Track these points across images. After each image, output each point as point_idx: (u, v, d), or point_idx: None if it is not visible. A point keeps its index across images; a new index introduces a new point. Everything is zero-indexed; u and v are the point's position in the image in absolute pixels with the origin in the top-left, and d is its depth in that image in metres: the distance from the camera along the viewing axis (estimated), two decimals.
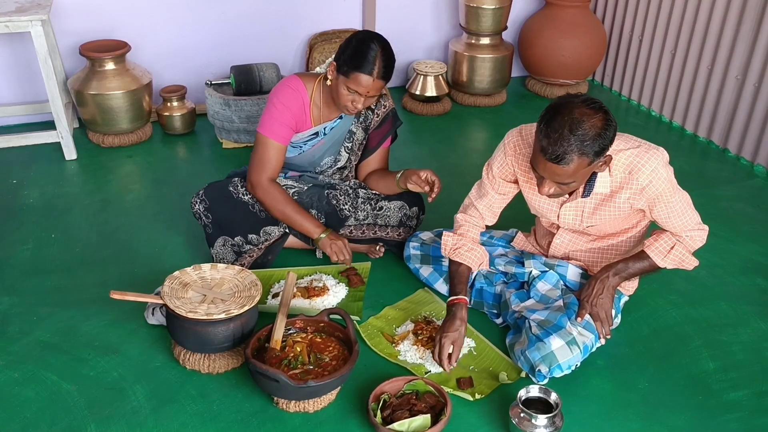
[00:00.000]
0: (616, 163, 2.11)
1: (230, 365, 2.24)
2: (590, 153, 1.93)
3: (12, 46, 3.67)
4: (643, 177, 2.10)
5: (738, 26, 3.61)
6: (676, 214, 2.18)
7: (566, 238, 2.45)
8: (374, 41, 2.38)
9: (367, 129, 2.67)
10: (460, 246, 2.38)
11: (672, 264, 2.27)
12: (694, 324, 2.52)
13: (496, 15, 4.13)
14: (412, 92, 4.21)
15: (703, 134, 3.95)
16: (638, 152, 2.10)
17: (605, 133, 1.93)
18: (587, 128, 1.90)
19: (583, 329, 2.22)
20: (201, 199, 2.60)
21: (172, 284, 2.23)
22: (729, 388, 2.25)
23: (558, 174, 1.98)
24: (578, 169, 1.96)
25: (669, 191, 2.13)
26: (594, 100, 1.96)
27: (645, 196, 2.14)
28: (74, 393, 2.15)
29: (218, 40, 4.00)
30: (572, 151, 1.91)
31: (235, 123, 3.60)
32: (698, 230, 2.24)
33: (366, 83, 2.37)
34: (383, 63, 2.37)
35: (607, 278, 2.29)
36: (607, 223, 2.30)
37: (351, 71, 2.37)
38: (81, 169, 3.50)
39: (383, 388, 2.10)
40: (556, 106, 1.96)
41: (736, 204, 3.32)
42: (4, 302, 2.53)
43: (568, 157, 1.92)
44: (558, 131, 1.91)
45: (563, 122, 1.91)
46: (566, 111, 1.93)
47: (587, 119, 1.91)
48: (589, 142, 1.91)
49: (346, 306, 2.54)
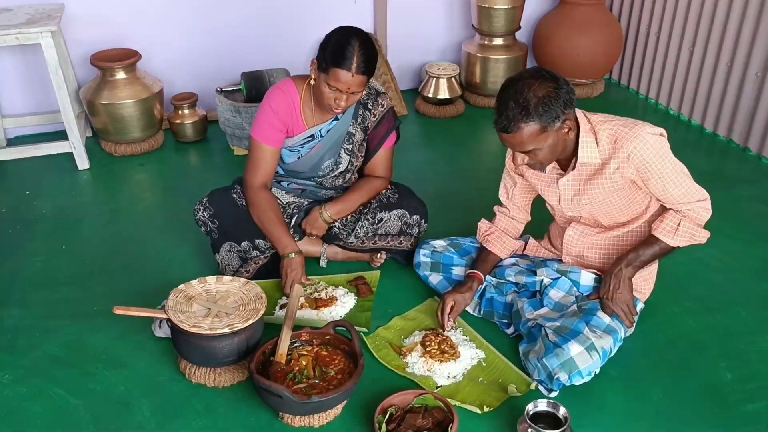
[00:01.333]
0: (601, 134, 2.17)
1: (236, 379, 2.23)
2: (535, 118, 2.02)
3: (24, 57, 3.69)
4: (627, 144, 2.13)
5: (758, 21, 3.52)
6: (672, 184, 2.16)
7: (578, 230, 2.42)
8: (353, 36, 2.31)
9: (365, 129, 2.63)
10: (490, 233, 2.53)
11: (684, 241, 2.23)
12: (711, 332, 2.46)
13: (509, 15, 4.08)
14: (425, 95, 4.17)
15: (722, 133, 3.86)
16: (624, 123, 2.17)
17: (549, 99, 2.02)
18: (530, 96, 2.01)
19: (603, 333, 2.18)
20: (205, 206, 2.60)
21: (177, 298, 2.22)
22: (747, 399, 2.18)
23: (514, 143, 2.09)
24: (531, 135, 2.05)
25: (658, 159, 2.13)
26: (542, 72, 2.07)
27: (632, 163, 2.14)
28: (81, 408, 2.15)
29: (228, 47, 3.99)
30: (516, 119, 2.02)
31: (246, 130, 3.59)
32: (700, 201, 2.20)
33: (345, 79, 2.32)
34: (362, 57, 2.30)
35: (620, 271, 2.26)
36: (607, 201, 2.27)
37: (330, 67, 2.32)
38: (93, 179, 3.51)
39: (392, 400, 2.07)
40: (506, 81, 2.09)
41: (756, 205, 3.23)
42: (14, 315, 2.54)
43: (513, 125, 2.03)
44: (504, 103, 2.04)
45: (508, 95, 2.04)
46: (512, 84, 2.06)
47: (529, 88, 2.02)
48: (532, 109, 2.00)
49: (354, 316, 2.52)
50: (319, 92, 2.41)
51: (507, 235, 2.52)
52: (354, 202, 2.65)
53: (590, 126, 2.18)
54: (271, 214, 2.54)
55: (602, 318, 2.22)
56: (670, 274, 2.68)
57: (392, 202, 2.66)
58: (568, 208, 2.36)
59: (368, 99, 2.60)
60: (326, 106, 2.43)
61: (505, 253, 2.52)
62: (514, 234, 2.55)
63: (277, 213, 2.57)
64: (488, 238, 2.51)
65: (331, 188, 2.73)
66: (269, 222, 2.54)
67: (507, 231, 2.53)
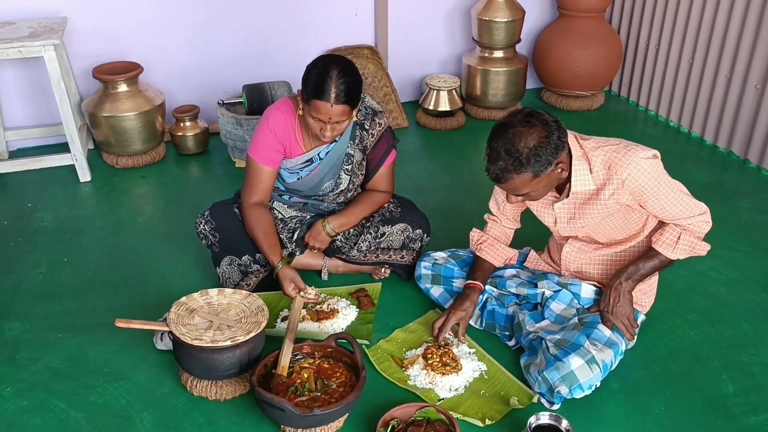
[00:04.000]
0: (594, 160, 2.16)
1: (237, 392, 2.22)
2: (527, 169, 2.02)
3: (26, 69, 3.71)
4: (621, 170, 2.12)
5: (757, 34, 3.54)
6: (670, 203, 2.16)
7: (575, 247, 2.42)
8: (331, 66, 2.30)
9: (364, 150, 2.63)
10: (483, 241, 2.52)
11: (684, 254, 2.23)
12: (713, 344, 2.46)
13: (509, 28, 4.10)
14: (426, 107, 4.19)
15: (722, 145, 3.87)
16: (617, 149, 2.15)
17: (540, 149, 2.01)
18: (521, 148, 2.00)
19: (604, 346, 2.17)
20: (207, 220, 2.60)
21: (179, 311, 2.22)
22: (749, 412, 2.18)
23: (507, 189, 2.11)
24: (523, 183, 2.06)
25: (653, 182, 2.12)
26: (533, 117, 2.05)
27: (628, 189, 2.14)
28: (82, 421, 2.15)
29: (230, 60, 4.01)
30: (508, 170, 2.03)
31: (248, 142, 3.59)
32: (700, 215, 2.20)
33: (325, 110, 2.31)
34: (340, 87, 2.28)
35: (620, 284, 2.27)
36: (603, 224, 2.27)
37: (310, 99, 2.32)
38: (94, 191, 3.52)
39: (394, 413, 2.06)
40: (495, 127, 2.08)
41: (757, 216, 3.24)
42: (15, 328, 2.54)
43: (505, 176, 2.04)
44: (495, 152, 2.04)
45: (499, 144, 2.04)
46: (502, 132, 2.05)
47: (520, 139, 2.01)
48: (524, 160, 2.01)
49: (355, 329, 2.52)
50: (306, 122, 2.41)
51: (499, 242, 2.53)
52: (357, 215, 2.65)
53: (583, 152, 2.17)
54: (258, 231, 2.54)
55: (603, 331, 2.22)
56: (672, 286, 2.68)
57: (395, 216, 2.67)
58: (564, 230, 2.37)
59: (365, 119, 2.59)
60: (314, 136, 2.45)
61: (499, 260, 2.52)
62: (506, 240, 2.56)
63: (266, 229, 2.56)
64: (481, 246, 2.51)
65: (333, 203, 2.74)
66: (256, 239, 2.55)
67: (499, 238, 2.54)
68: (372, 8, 4.19)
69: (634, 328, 2.29)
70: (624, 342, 2.27)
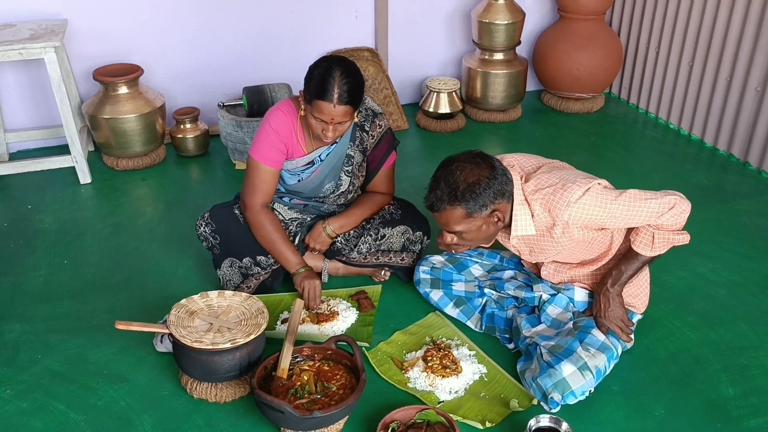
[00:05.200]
0: (534, 204, 2.18)
1: (237, 394, 2.22)
2: (461, 203, 2.07)
3: (27, 71, 3.71)
4: (561, 213, 2.13)
5: (757, 36, 3.54)
6: (629, 217, 2.15)
7: (551, 268, 2.45)
8: (334, 66, 2.31)
9: (364, 151, 2.63)
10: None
11: (663, 249, 2.23)
12: (713, 346, 2.46)
13: (509, 30, 4.10)
14: (426, 109, 4.19)
15: (722, 147, 3.88)
16: (553, 191, 2.14)
17: (477, 185, 2.07)
18: (459, 180, 2.06)
19: (597, 351, 2.17)
20: (207, 222, 2.60)
21: (179, 313, 2.22)
22: (749, 414, 2.17)
23: (441, 222, 2.16)
24: (456, 218, 2.11)
25: (599, 211, 2.12)
26: (482, 158, 2.12)
27: (575, 226, 2.16)
28: (82, 423, 2.15)
29: (230, 62, 4.01)
30: (442, 200, 2.08)
31: (248, 144, 3.59)
32: (669, 211, 2.14)
33: (328, 110, 2.31)
34: (343, 88, 2.29)
35: (607, 290, 2.29)
36: (565, 254, 2.30)
37: (313, 99, 2.32)
38: (95, 193, 3.52)
39: (394, 416, 2.06)
40: (445, 159, 2.16)
41: (757, 219, 3.23)
42: (15, 330, 2.54)
43: (439, 205, 2.10)
44: (435, 181, 2.11)
45: (441, 174, 2.11)
46: (448, 164, 2.12)
47: (461, 172, 2.07)
48: (460, 193, 2.06)
49: (355, 331, 2.52)
50: (308, 123, 2.42)
51: None
52: (357, 216, 2.65)
53: (524, 197, 2.18)
54: (275, 235, 2.55)
55: (597, 336, 2.22)
56: (671, 288, 2.68)
57: (395, 217, 2.67)
58: (529, 259, 2.39)
59: (365, 121, 2.59)
60: (315, 136, 2.45)
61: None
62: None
63: (281, 231, 2.58)
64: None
65: (333, 205, 2.74)
66: (274, 242, 2.55)
67: None
68: (372, 10, 4.19)
69: (629, 327, 2.30)
70: (620, 345, 2.27)
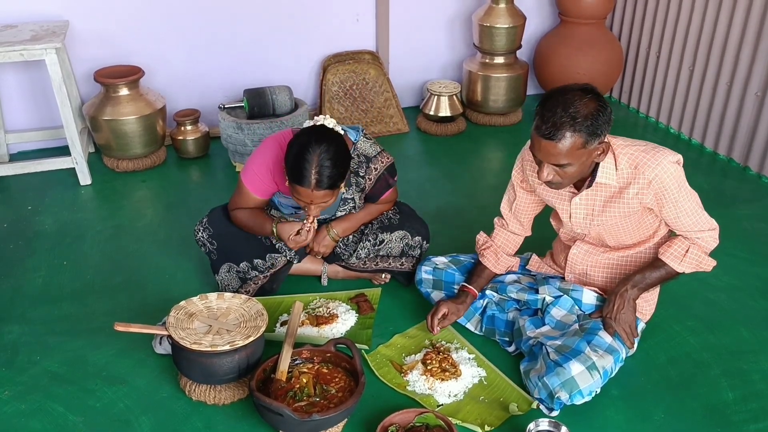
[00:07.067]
0: (621, 158, 2.15)
1: (236, 396, 2.22)
2: (582, 130, 1.99)
3: (28, 73, 3.72)
4: (649, 171, 2.11)
5: (757, 41, 3.54)
6: (685, 213, 2.17)
7: (583, 249, 2.42)
8: (309, 150, 2.19)
9: (362, 191, 2.58)
10: (487, 247, 2.52)
11: (690, 267, 2.24)
12: (713, 351, 2.45)
13: (510, 34, 4.10)
14: (426, 112, 4.19)
15: (723, 152, 3.87)
16: (645, 149, 2.14)
17: (598, 114, 2.00)
18: (579, 107, 1.98)
19: (604, 352, 2.17)
20: (205, 227, 2.60)
21: (178, 315, 2.21)
22: (749, 419, 2.17)
23: (552, 153, 2.02)
24: (573, 148, 2.01)
25: (676, 187, 2.12)
26: (589, 88, 2.04)
27: (652, 190, 2.14)
28: (80, 425, 2.14)
29: (231, 64, 4.01)
30: (564, 126, 1.98)
31: (248, 146, 3.60)
32: (710, 230, 2.22)
33: (305, 195, 2.26)
34: (319, 174, 2.20)
35: (626, 291, 2.27)
36: (619, 225, 2.27)
37: (291, 182, 2.27)
38: (95, 195, 3.52)
39: (393, 419, 2.06)
40: (551, 90, 2.07)
41: (757, 224, 3.23)
42: (14, 331, 2.54)
43: (560, 133, 1.98)
44: (551, 110, 2.00)
45: (556, 102, 2.00)
46: (560, 93, 2.03)
47: (579, 99, 2.00)
48: (581, 120, 1.98)
49: (355, 334, 2.51)
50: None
51: (503, 251, 2.51)
52: (360, 220, 2.64)
53: (611, 148, 2.16)
54: (249, 215, 2.54)
55: (604, 337, 2.22)
56: (672, 292, 2.68)
57: (394, 223, 2.66)
58: (578, 225, 2.35)
59: (359, 167, 2.52)
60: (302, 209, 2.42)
61: (499, 269, 2.51)
62: (511, 249, 2.54)
63: (255, 211, 2.55)
64: (484, 252, 2.51)
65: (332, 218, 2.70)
66: (250, 222, 2.53)
67: (504, 247, 2.51)
68: (373, 13, 4.20)
69: (635, 336, 2.29)
70: (624, 349, 2.27)
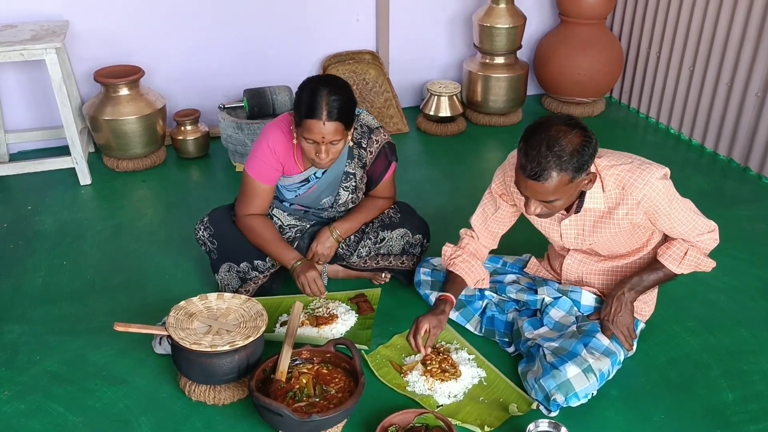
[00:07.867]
0: (608, 180, 2.12)
1: (236, 396, 2.22)
2: (569, 169, 1.95)
3: (28, 72, 3.71)
4: (636, 192, 2.09)
5: (758, 42, 3.54)
6: (680, 223, 2.17)
7: (577, 259, 2.42)
8: (321, 85, 2.27)
9: (364, 166, 2.60)
10: (456, 257, 2.42)
11: (688, 269, 2.24)
12: (713, 352, 2.45)
13: (510, 34, 4.10)
14: (427, 112, 4.19)
15: (723, 152, 3.87)
16: (630, 168, 2.11)
17: (583, 149, 1.95)
18: (564, 144, 1.92)
19: (601, 355, 2.17)
20: (206, 226, 2.60)
21: (178, 315, 2.21)
22: (749, 420, 2.17)
23: (539, 192, 1.99)
24: (559, 185, 1.97)
25: (666, 202, 2.11)
26: (572, 118, 1.99)
27: (642, 209, 2.13)
28: (80, 425, 2.14)
29: (231, 64, 4.01)
30: (550, 167, 1.93)
31: (248, 146, 3.60)
32: (708, 233, 2.22)
33: (317, 129, 2.27)
34: (332, 104, 2.25)
35: (623, 294, 2.27)
36: (611, 241, 2.27)
37: (302, 119, 2.29)
38: (95, 195, 3.52)
39: (392, 419, 2.06)
40: (534, 124, 2.00)
41: (757, 224, 3.23)
42: (14, 331, 2.54)
43: (546, 174, 1.94)
44: (536, 148, 1.93)
45: (540, 140, 1.94)
46: (544, 129, 1.96)
47: (564, 136, 1.93)
48: (567, 158, 1.93)
49: (355, 334, 2.51)
50: (301, 148, 2.39)
51: (475, 258, 2.43)
52: (360, 221, 2.64)
53: (596, 171, 2.12)
54: (268, 234, 2.54)
55: (601, 340, 2.22)
56: (671, 293, 2.68)
57: (394, 221, 2.66)
58: (570, 244, 2.35)
59: (361, 138, 2.55)
60: (310, 160, 2.41)
61: (471, 279, 2.40)
62: (481, 258, 2.47)
63: (273, 230, 2.56)
64: (455, 261, 2.41)
65: (333, 212, 2.72)
66: (267, 242, 2.53)
67: (475, 254, 2.44)
68: (373, 13, 4.19)
69: (633, 339, 2.29)
70: (622, 351, 2.27)
